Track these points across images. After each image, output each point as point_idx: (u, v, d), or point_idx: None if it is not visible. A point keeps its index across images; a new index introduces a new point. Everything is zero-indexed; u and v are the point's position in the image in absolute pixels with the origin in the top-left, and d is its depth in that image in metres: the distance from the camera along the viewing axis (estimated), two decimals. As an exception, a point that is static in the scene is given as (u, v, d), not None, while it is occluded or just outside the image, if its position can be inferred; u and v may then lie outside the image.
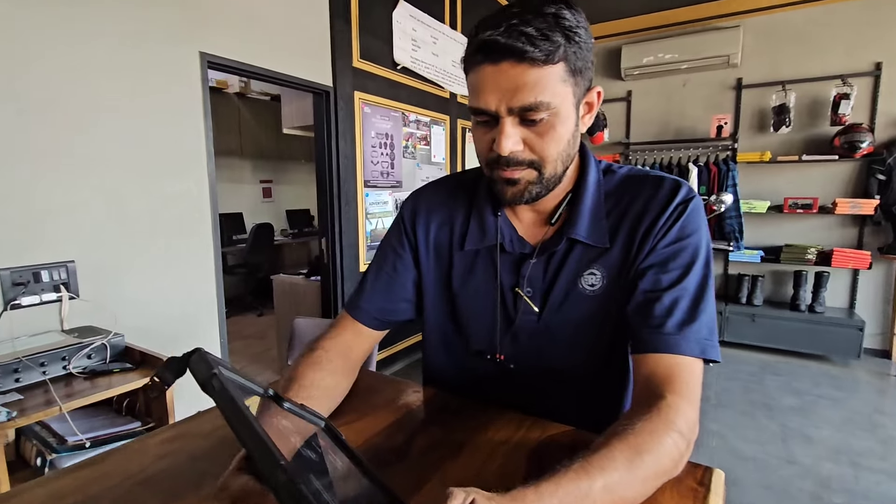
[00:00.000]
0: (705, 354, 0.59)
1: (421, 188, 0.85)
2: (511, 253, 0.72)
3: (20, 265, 1.57)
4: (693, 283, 0.62)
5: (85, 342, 1.49)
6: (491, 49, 0.56)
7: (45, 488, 0.54)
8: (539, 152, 0.61)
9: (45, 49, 1.60)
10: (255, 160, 5.49)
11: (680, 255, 0.63)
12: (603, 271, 0.68)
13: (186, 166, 2.03)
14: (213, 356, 0.39)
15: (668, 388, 0.57)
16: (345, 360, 0.73)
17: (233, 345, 3.71)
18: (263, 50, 2.29)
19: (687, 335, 0.59)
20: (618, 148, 4.19)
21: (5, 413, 1.21)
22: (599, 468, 0.45)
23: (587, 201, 0.69)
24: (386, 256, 0.80)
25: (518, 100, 0.57)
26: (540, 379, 0.72)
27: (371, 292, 0.78)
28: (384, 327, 0.79)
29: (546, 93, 0.57)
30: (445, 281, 0.78)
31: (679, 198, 0.66)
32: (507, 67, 0.56)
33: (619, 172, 0.72)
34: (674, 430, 0.51)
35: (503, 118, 0.59)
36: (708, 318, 0.61)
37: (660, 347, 0.59)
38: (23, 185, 1.57)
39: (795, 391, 2.91)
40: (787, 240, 3.65)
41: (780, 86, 3.51)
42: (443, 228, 0.78)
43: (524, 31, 0.54)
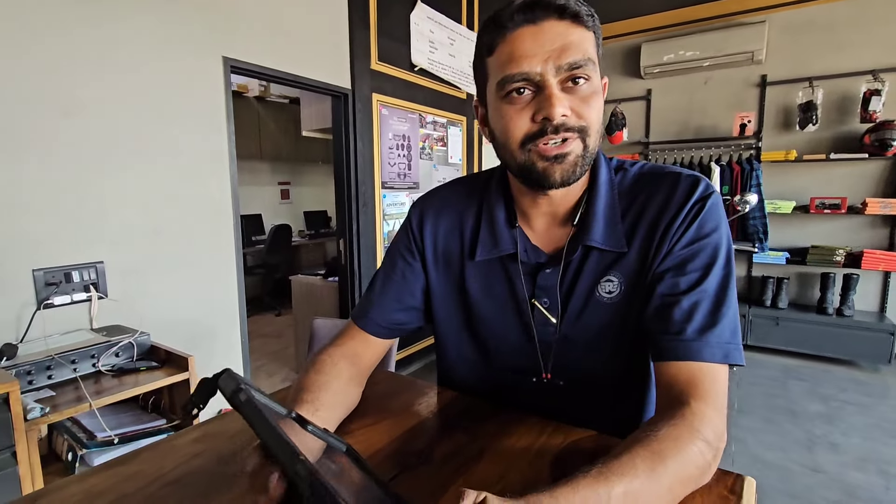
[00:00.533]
0: (729, 359, 0.56)
1: (429, 193, 0.82)
2: (526, 263, 0.69)
3: (53, 266, 1.63)
4: (713, 285, 0.59)
5: (113, 341, 1.53)
6: (532, 7, 0.55)
7: (81, 486, 0.55)
8: (585, 118, 0.58)
9: (77, 55, 1.65)
10: (274, 162, 5.57)
11: (698, 255, 0.61)
12: (620, 277, 0.65)
13: (210, 169, 2.07)
14: (241, 377, 0.40)
15: (692, 395, 0.55)
16: (353, 367, 0.71)
17: (252, 343, 3.77)
18: (284, 53, 2.32)
19: (709, 340, 0.56)
20: (637, 147, 4.14)
21: (39, 409, 1.25)
22: (619, 474, 0.43)
23: (601, 203, 0.66)
24: (394, 264, 0.78)
25: (566, 56, 0.55)
26: (559, 389, 0.71)
27: (379, 302, 0.76)
28: (393, 336, 0.78)
29: (591, 52, 0.56)
30: (458, 291, 0.75)
31: (697, 195, 0.63)
32: (551, 26, 0.55)
33: (632, 170, 0.69)
34: (699, 437, 0.50)
35: (549, 81, 0.56)
36: (730, 321, 0.58)
37: (680, 354, 0.57)
38: (57, 189, 1.62)
39: (821, 397, 2.83)
40: (813, 241, 3.55)
41: (807, 82, 3.42)
42: (452, 235, 0.75)
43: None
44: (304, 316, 3.28)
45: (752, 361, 3.43)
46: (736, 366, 0.58)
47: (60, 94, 1.61)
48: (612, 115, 4.01)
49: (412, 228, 0.78)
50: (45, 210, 1.60)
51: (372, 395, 0.77)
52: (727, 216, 3.06)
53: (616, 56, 4.16)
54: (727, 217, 0.65)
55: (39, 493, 0.54)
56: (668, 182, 0.65)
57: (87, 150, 1.69)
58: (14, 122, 1.52)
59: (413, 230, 0.78)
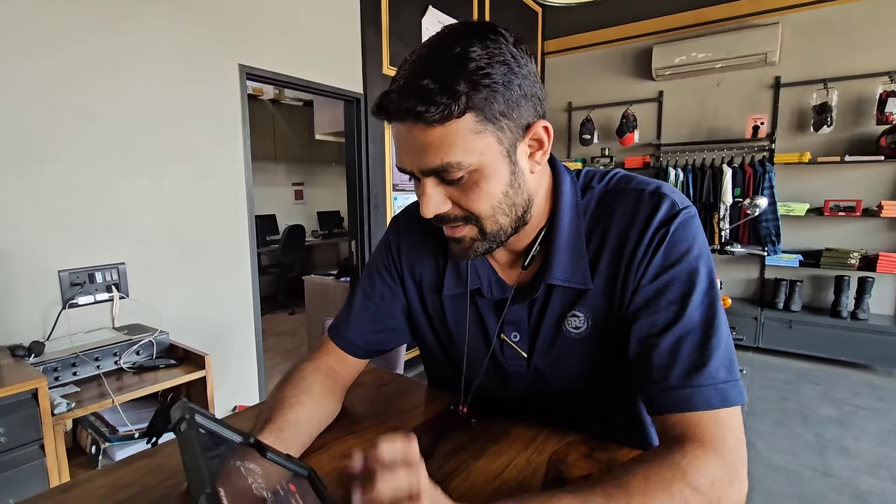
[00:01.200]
0: (727, 402, 0.50)
1: (406, 211, 0.78)
2: (490, 298, 0.67)
3: (78, 267, 1.70)
4: (695, 318, 0.53)
5: (134, 339, 1.60)
6: (388, 109, 0.50)
7: (107, 479, 0.59)
8: (469, 209, 0.55)
9: (98, 63, 1.72)
10: (288, 163, 5.66)
11: (671, 287, 0.55)
12: (587, 313, 0.62)
13: (225, 172, 2.13)
14: (198, 408, 0.42)
15: (688, 438, 0.50)
16: (328, 380, 0.70)
17: (266, 342, 3.85)
18: (297, 60, 2.38)
19: (699, 384, 0.50)
20: (648, 149, 4.13)
21: (65, 404, 1.31)
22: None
23: (563, 237, 0.61)
24: (373, 283, 0.75)
25: (425, 162, 0.52)
26: (542, 409, 0.70)
27: (357, 321, 0.74)
28: (369, 356, 0.76)
29: (455, 152, 0.50)
30: (434, 320, 0.74)
31: (659, 217, 0.57)
32: (409, 128, 0.50)
33: (597, 188, 0.63)
34: (682, 481, 0.45)
35: (421, 179, 0.54)
36: (722, 355, 0.52)
37: (669, 406, 0.52)
38: (80, 192, 1.69)
39: (833, 401, 2.81)
40: (827, 244, 3.51)
41: (822, 84, 3.38)
42: (426, 265, 0.73)
43: (419, 86, 0.48)
44: (317, 315, 3.34)
45: (765, 364, 3.40)
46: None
47: (82, 101, 1.68)
48: (623, 118, 4.01)
49: (392, 250, 0.76)
50: (70, 213, 1.67)
51: (378, 396, 0.81)
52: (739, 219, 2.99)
53: (627, 58, 4.15)
54: (740, 219, 0.60)
55: (69, 485, 0.58)
56: (629, 202, 0.60)
57: (108, 155, 1.76)
58: (39, 129, 1.59)
59: (392, 252, 0.76)
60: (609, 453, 0.61)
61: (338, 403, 0.71)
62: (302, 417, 0.61)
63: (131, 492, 0.56)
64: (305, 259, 5.34)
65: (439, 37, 0.51)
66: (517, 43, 0.52)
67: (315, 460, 0.61)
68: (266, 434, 0.56)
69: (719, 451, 0.48)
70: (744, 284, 3.92)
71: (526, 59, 0.53)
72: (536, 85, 0.54)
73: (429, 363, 0.83)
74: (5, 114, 1.51)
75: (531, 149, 0.56)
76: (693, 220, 0.58)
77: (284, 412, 0.60)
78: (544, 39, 4.53)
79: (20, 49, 1.53)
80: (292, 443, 0.57)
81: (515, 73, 0.51)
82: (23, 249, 1.57)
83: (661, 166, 3.99)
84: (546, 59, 4.58)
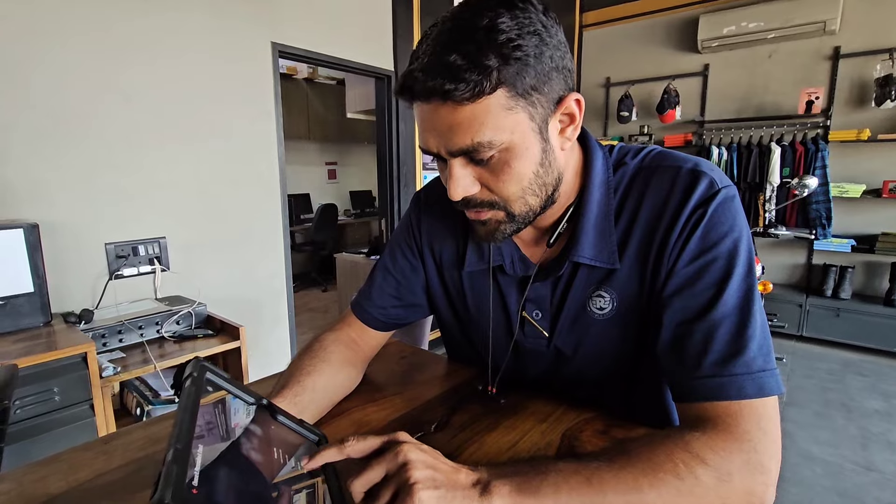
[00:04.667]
0: (764, 391, 0.47)
1: (427, 188, 0.77)
2: (512, 275, 0.66)
3: (123, 240, 1.79)
4: (732, 303, 0.50)
5: (174, 310, 1.68)
6: (413, 89, 0.48)
7: (145, 432, 0.64)
8: (497, 192, 0.53)
9: (136, 43, 1.77)
10: (322, 143, 5.73)
11: (708, 271, 0.52)
12: (612, 293, 0.60)
13: (259, 151, 2.18)
14: (213, 367, 0.43)
15: (709, 426, 0.48)
16: (348, 351, 0.71)
17: (299, 317, 3.97)
18: (329, 37, 2.38)
19: (734, 372, 0.48)
20: (691, 126, 3.94)
21: (112, 368, 1.40)
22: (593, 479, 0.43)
23: (591, 214, 0.59)
24: (395, 257, 0.75)
25: (454, 143, 0.49)
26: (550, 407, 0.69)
27: (379, 295, 0.74)
28: (391, 329, 0.76)
29: (485, 131, 0.48)
30: (454, 296, 0.74)
31: (696, 196, 0.54)
32: (436, 107, 0.48)
33: (632, 164, 0.60)
34: (695, 457, 0.44)
35: (448, 160, 0.52)
36: (759, 343, 0.49)
37: (700, 395, 0.50)
38: (122, 169, 1.77)
39: (883, 393, 2.66)
40: (884, 228, 3.28)
41: (887, 54, 3.12)
42: (448, 239, 0.72)
43: (446, 63, 0.45)
44: (348, 292, 3.41)
45: (808, 353, 3.25)
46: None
47: (123, 80, 1.74)
48: (664, 93, 3.82)
49: (413, 225, 0.75)
50: (114, 189, 1.76)
51: (398, 368, 0.82)
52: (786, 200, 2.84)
53: (671, 30, 3.94)
54: (787, 201, 0.54)
55: (110, 437, 0.63)
56: (665, 180, 0.57)
57: (148, 133, 1.83)
58: (84, 107, 1.66)
59: (413, 228, 0.75)
60: (626, 430, 0.60)
61: (358, 373, 0.72)
62: (318, 384, 0.62)
63: (165, 444, 0.60)
64: (338, 237, 5.44)
65: (463, 7, 0.48)
66: (546, 11, 0.50)
67: (333, 426, 0.63)
68: (280, 398, 0.57)
69: (742, 440, 0.46)
70: (789, 269, 3.73)
71: (556, 29, 0.50)
72: (567, 56, 0.51)
73: (447, 339, 0.83)
74: (52, 93, 1.59)
75: (562, 124, 0.54)
76: (734, 201, 0.54)
77: (301, 379, 0.61)
78: (582, 11, 4.35)
79: (65, 30, 1.59)
80: (307, 409, 0.59)
81: (546, 43, 0.48)
82: (73, 223, 1.66)
83: (704, 144, 3.80)
84: (584, 31, 4.40)
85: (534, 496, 0.41)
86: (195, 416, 0.36)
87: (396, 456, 0.40)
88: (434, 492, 0.39)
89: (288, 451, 0.46)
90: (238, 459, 0.40)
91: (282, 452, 0.45)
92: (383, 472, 0.40)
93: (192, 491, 0.33)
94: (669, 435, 0.48)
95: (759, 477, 0.45)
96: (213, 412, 0.42)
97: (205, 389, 0.40)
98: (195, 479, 0.34)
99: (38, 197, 1.58)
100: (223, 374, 0.44)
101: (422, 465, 0.40)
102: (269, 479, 0.42)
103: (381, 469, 0.40)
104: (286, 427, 0.47)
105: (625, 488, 0.43)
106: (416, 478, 0.39)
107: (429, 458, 0.41)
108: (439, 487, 0.39)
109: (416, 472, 0.39)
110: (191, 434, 0.35)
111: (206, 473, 0.35)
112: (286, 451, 0.46)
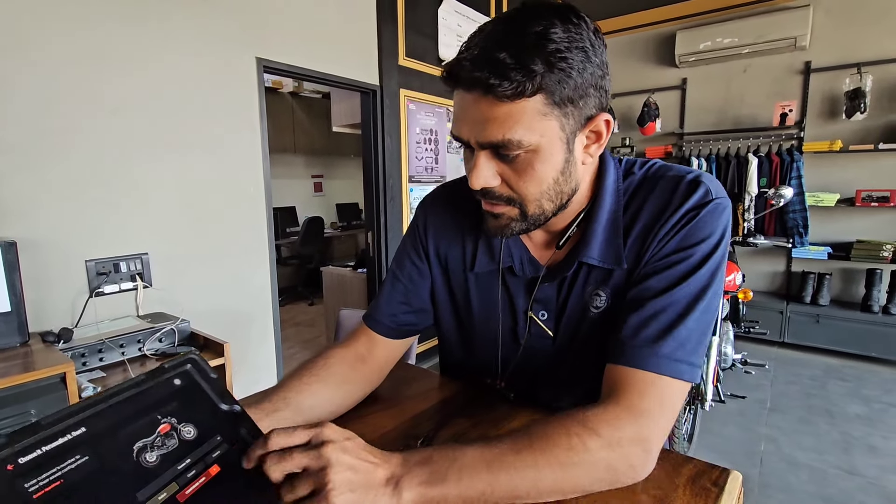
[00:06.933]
0: (677, 374, 0.52)
1: (437, 192, 0.80)
2: (521, 276, 0.68)
3: (103, 257, 1.76)
4: (685, 294, 0.55)
5: (157, 327, 1.65)
6: (459, 77, 0.51)
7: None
8: (516, 190, 0.56)
9: (119, 55, 1.76)
10: (308, 156, 5.72)
11: (679, 264, 0.56)
12: (608, 291, 0.63)
13: (244, 164, 2.17)
14: (206, 366, 0.44)
15: (610, 395, 0.52)
16: (352, 371, 0.71)
17: (286, 332, 3.93)
18: (314, 52, 2.39)
19: (658, 351, 0.52)
20: (670, 139, 4.03)
21: (92, 388, 1.36)
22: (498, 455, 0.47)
23: (602, 219, 0.62)
24: (402, 265, 0.78)
25: (485, 135, 0.52)
26: (553, 402, 0.72)
27: (388, 303, 0.76)
28: (403, 336, 0.77)
29: (518, 130, 0.50)
30: (458, 298, 0.75)
31: (692, 201, 0.58)
32: (476, 98, 0.50)
33: (638, 174, 0.64)
34: (586, 428, 0.49)
35: (476, 150, 0.54)
36: (689, 334, 0.53)
37: (622, 359, 0.54)
38: (105, 183, 1.75)
39: (863, 398, 2.72)
40: (858, 235, 3.38)
41: (855, 68, 3.24)
42: (454, 243, 0.74)
43: (495, 59, 0.47)
44: (335, 306, 3.39)
45: (791, 360, 3.31)
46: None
47: (106, 96, 1.73)
48: (644, 106, 3.91)
49: (419, 230, 0.77)
50: (95, 204, 1.73)
51: (386, 383, 0.82)
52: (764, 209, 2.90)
53: (649, 45, 4.04)
54: (765, 210, 0.58)
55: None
56: (667, 188, 0.61)
57: (130, 147, 1.81)
58: (65, 120, 1.64)
59: (420, 232, 0.77)
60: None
61: (356, 393, 0.71)
62: (306, 404, 0.62)
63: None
64: (324, 250, 5.41)
65: (519, 11, 0.51)
66: (597, 31, 0.53)
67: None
68: (258, 410, 0.56)
69: (636, 412, 0.50)
70: (769, 277, 3.81)
71: (602, 49, 0.53)
72: (606, 77, 0.54)
73: (444, 348, 0.84)
74: (32, 105, 1.57)
75: (588, 141, 0.57)
76: (724, 212, 0.58)
77: (287, 395, 0.61)
78: (564, 27, 4.44)
79: (43, 40, 1.58)
80: (284, 423, 0.57)
81: (591, 61, 0.51)
82: (52, 239, 1.63)
83: (684, 156, 3.89)
84: (565, 47, 4.49)
85: (440, 485, 0.44)
86: (107, 403, 0.38)
87: (319, 456, 0.41)
88: (349, 495, 0.40)
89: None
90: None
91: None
92: (303, 466, 0.41)
93: (6, 467, 0.32)
94: (570, 413, 0.51)
95: (641, 449, 0.50)
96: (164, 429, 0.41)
97: (171, 385, 0.42)
98: (27, 458, 0.33)
99: (16, 213, 1.55)
100: (208, 373, 0.44)
101: (342, 467, 0.41)
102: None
103: (302, 462, 0.41)
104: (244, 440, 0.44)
105: (523, 466, 0.46)
106: (334, 482, 0.40)
107: (349, 458, 0.42)
108: (355, 490, 0.41)
109: (336, 475, 0.40)
110: (74, 418, 0.36)
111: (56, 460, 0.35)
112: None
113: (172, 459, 0.39)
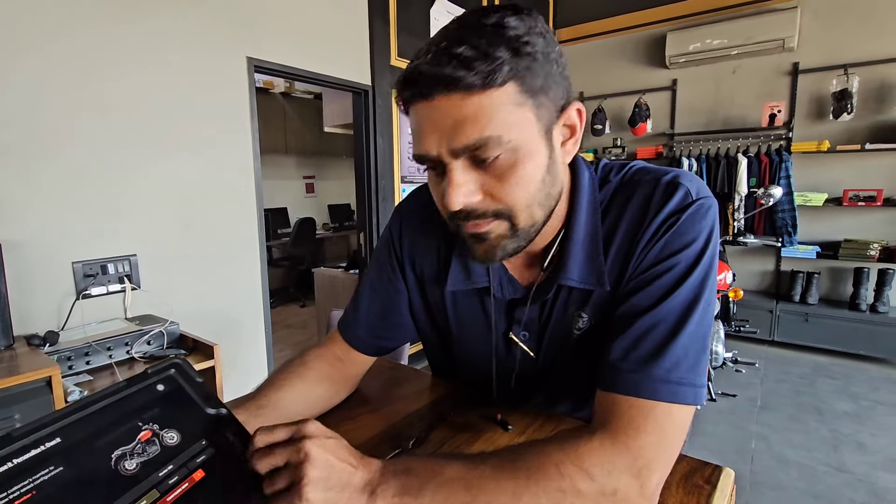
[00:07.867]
0: (677, 398, 0.47)
1: (412, 196, 0.74)
2: (500, 299, 0.64)
3: (91, 258, 1.73)
4: (674, 308, 0.50)
5: (145, 329, 1.63)
6: (417, 82, 0.46)
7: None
8: (503, 199, 0.50)
9: (108, 55, 1.74)
10: (299, 157, 5.69)
11: (665, 274, 0.52)
12: (589, 312, 0.60)
13: (235, 165, 2.15)
14: (192, 371, 0.44)
15: (602, 425, 0.48)
16: (330, 368, 0.69)
17: (277, 334, 3.89)
18: (305, 52, 2.38)
19: (651, 373, 0.48)
20: (661, 139, 4.05)
21: (78, 392, 1.34)
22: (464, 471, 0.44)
23: (578, 237, 0.58)
24: (380, 275, 0.73)
25: (459, 139, 0.46)
26: (548, 408, 0.71)
27: (365, 316, 0.72)
28: (377, 354, 0.74)
29: (494, 124, 0.45)
30: (436, 314, 0.72)
31: (671, 206, 0.54)
32: (441, 101, 0.45)
33: (614, 181, 0.60)
34: (578, 467, 0.44)
35: (448, 164, 0.48)
36: (684, 351, 0.49)
37: (614, 386, 0.49)
38: (93, 185, 1.72)
39: (851, 395, 2.75)
40: (846, 234, 3.42)
41: (842, 70, 3.28)
42: (429, 255, 0.69)
43: (454, 53, 0.44)
44: (327, 307, 3.37)
45: (780, 358, 3.34)
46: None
47: (93, 93, 1.70)
48: (635, 107, 3.94)
49: (393, 240, 0.72)
50: (83, 205, 1.70)
51: (377, 383, 0.81)
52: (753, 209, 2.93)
53: (640, 46, 4.07)
54: (755, 209, 0.56)
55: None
56: (644, 193, 0.56)
57: (119, 148, 1.78)
58: (52, 121, 1.62)
59: (394, 240, 0.72)
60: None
61: (338, 392, 0.71)
62: (285, 400, 0.61)
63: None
64: (316, 252, 5.38)
65: (471, 12, 0.48)
66: (547, 27, 0.51)
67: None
68: (243, 410, 0.56)
69: (634, 452, 0.46)
70: (758, 276, 3.85)
71: (555, 42, 0.50)
72: (566, 67, 0.51)
73: (430, 355, 0.83)
74: (19, 106, 1.54)
75: (563, 136, 0.53)
76: (708, 211, 0.54)
77: (268, 392, 0.61)
78: (556, 28, 4.46)
79: (32, 40, 1.55)
80: (268, 422, 0.55)
81: (552, 47, 0.48)
82: (38, 241, 1.60)
83: (675, 156, 3.92)
84: (557, 48, 4.51)
85: (414, 499, 0.42)
86: (85, 412, 0.38)
87: (298, 450, 0.40)
88: (323, 493, 0.39)
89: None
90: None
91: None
92: (285, 460, 0.41)
93: None
94: (563, 444, 0.47)
95: (637, 483, 0.45)
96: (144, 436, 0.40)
97: (154, 390, 0.42)
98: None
99: (1, 214, 1.52)
100: (193, 377, 0.43)
101: (320, 463, 0.40)
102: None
103: (284, 457, 0.41)
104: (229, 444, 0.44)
105: (501, 493, 0.43)
106: (310, 477, 0.39)
107: (329, 456, 0.41)
108: (330, 489, 0.40)
109: (312, 470, 0.39)
110: (48, 429, 0.36)
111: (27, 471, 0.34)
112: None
113: (153, 466, 0.39)
